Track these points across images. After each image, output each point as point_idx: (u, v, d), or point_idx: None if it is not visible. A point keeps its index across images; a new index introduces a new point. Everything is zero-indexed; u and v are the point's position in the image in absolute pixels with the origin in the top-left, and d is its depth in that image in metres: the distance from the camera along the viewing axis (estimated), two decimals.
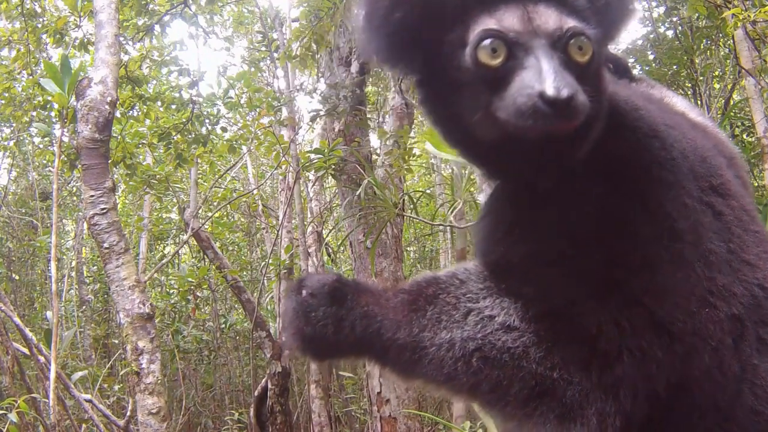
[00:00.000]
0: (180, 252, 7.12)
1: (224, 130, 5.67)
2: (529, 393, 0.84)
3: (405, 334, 0.89)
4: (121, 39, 3.86)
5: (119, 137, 4.66)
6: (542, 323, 0.86)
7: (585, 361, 0.83)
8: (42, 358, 3.17)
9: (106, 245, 2.72)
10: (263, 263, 6.44)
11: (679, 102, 1.30)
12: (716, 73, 5.50)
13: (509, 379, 0.85)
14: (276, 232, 6.09)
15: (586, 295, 0.86)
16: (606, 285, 0.85)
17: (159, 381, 2.68)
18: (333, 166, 4.69)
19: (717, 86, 5.55)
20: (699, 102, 4.86)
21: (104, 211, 2.73)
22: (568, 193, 0.90)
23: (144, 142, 5.14)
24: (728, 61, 5.09)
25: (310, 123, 5.67)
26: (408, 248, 7.56)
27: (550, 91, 0.78)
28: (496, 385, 0.85)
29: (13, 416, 2.93)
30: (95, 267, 7.45)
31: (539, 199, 0.92)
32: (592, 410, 0.82)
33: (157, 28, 5.15)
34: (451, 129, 0.98)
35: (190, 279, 5.41)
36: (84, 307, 7.19)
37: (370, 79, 6.00)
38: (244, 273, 6.96)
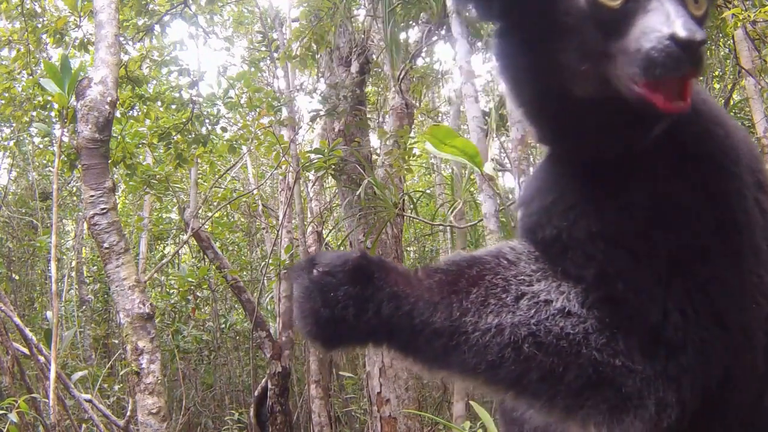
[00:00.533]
0: (180, 252, 7.12)
1: (224, 130, 5.67)
2: (586, 381, 0.80)
3: (443, 317, 0.82)
4: (121, 39, 3.86)
5: (119, 137, 4.66)
6: (605, 309, 0.82)
7: (650, 349, 0.80)
8: (42, 358, 3.17)
9: (106, 245, 2.72)
10: (263, 263, 6.44)
11: None
12: (716, 73, 5.50)
13: (565, 366, 0.80)
14: (276, 232, 6.09)
15: (650, 280, 0.82)
16: (670, 271, 0.82)
17: (159, 381, 2.68)
18: (333, 166, 4.69)
19: (717, 86, 5.55)
20: None
21: (104, 211, 2.73)
22: (635, 172, 0.85)
23: (144, 142, 5.14)
24: (728, 61, 5.09)
25: (310, 123, 5.67)
26: (408, 248, 7.56)
27: (682, 32, 0.71)
28: (548, 373, 0.80)
29: (13, 416, 2.93)
30: (95, 267, 7.45)
31: (606, 174, 0.87)
32: (652, 400, 0.79)
33: (157, 28, 5.15)
34: (536, 83, 0.89)
35: (190, 279, 5.41)
36: (84, 307, 7.19)
37: (370, 79, 6.00)
38: (244, 273, 6.95)
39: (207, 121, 5.26)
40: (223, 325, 6.72)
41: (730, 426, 0.87)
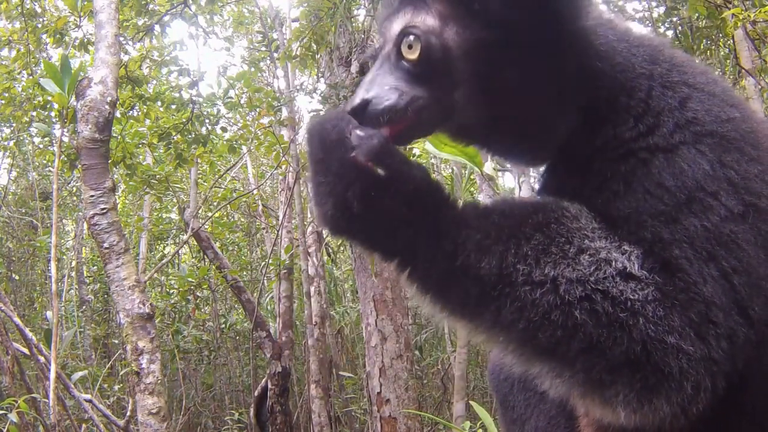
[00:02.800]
0: (180, 252, 7.12)
1: (224, 130, 5.67)
2: (630, 358, 0.73)
3: (492, 263, 0.76)
4: (121, 39, 3.85)
5: (119, 137, 4.65)
6: (665, 275, 0.76)
7: (702, 329, 0.74)
8: (42, 358, 3.17)
9: (106, 245, 2.72)
10: (263, 263, 6.44)
11: None
12: (716, 73, 5.49)
13: (614, 340, 0.73)
14: (276, 232, 6.09)
15: (697, 255, 0.77)
16: (699, 254, 0.78)
17: (159, 381, 2.68)
18: None
19: None
20: None
21: (104, 211, 2.73)
22: (654, 152, 0.83)
23: (144, 142, 5.14)
24: (728, 61, 5.09)
25: None
26: None
27: (349, 106, 0.86)
28: (592, 345, 0.73)
29: (13, 416, 2.93)
30: (95, 267, 7.45)
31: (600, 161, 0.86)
32: (691, 382, 0.73)
33: (157, 28, 5.15)
34: None
35: (190, 279, 5.41)
36: (84, 307, 7.19)
37: None
38: (244, 273, 6.95)
39: (207, 121, 5.26)
40: (223, 325, 6.72)
41: (741, 428, 0.84)
